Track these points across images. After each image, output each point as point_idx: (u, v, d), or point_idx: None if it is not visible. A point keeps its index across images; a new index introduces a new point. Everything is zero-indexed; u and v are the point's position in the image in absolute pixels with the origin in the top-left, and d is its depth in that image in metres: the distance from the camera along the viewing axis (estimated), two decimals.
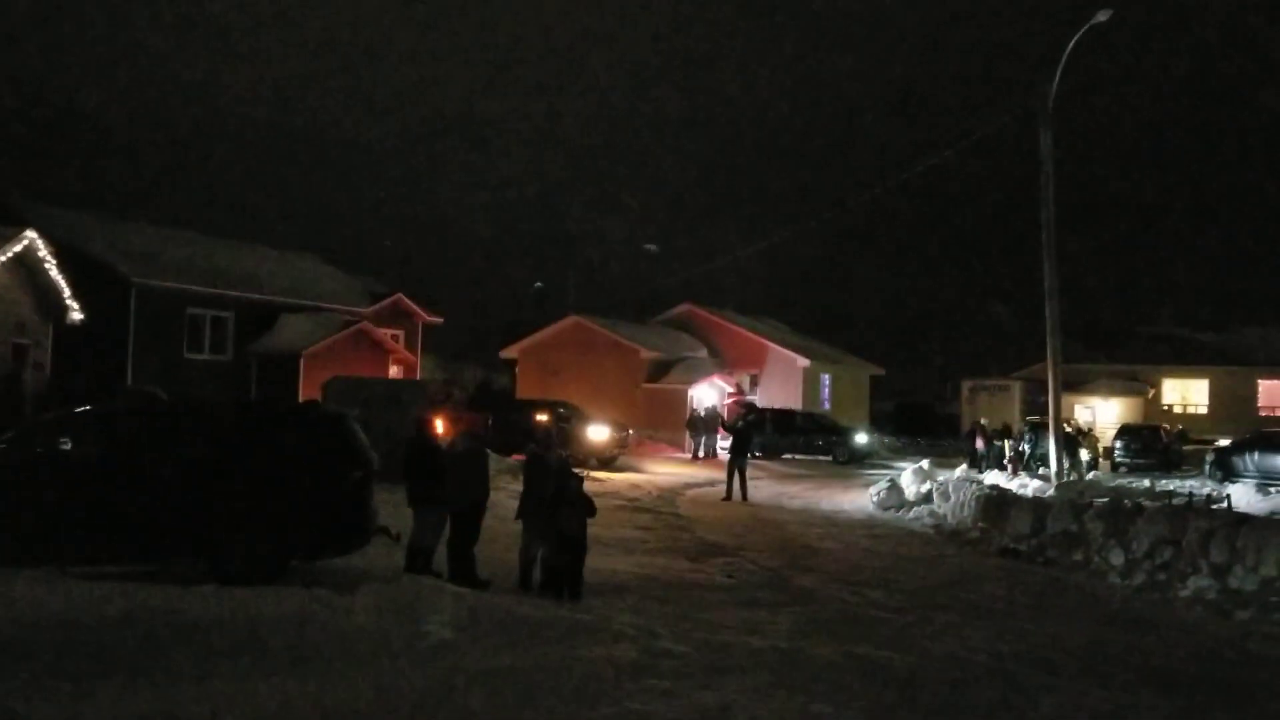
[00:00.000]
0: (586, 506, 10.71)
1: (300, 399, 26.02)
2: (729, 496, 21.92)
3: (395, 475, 11.18)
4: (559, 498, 10.57)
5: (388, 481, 11.44)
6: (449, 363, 45.85)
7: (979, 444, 29.10)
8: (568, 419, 27.06)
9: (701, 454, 32.05)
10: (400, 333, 34.41)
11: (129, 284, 26.29)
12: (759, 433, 32.92)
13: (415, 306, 35.43)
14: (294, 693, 6.07)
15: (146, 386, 22.25)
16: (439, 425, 12.54)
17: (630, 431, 29.96)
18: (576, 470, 11.16)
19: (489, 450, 11.95)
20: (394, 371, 32.02)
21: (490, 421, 23.42)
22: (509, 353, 40.05)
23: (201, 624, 7.17)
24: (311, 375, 27.35)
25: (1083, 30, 22.15)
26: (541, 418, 27.06)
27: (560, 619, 7.96)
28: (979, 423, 31.04)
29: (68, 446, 10.26)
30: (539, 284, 56.36)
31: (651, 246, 55.17)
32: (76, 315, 22.80)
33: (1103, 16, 21.77)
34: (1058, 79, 22.63)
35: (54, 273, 22.14)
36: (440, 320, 37.00)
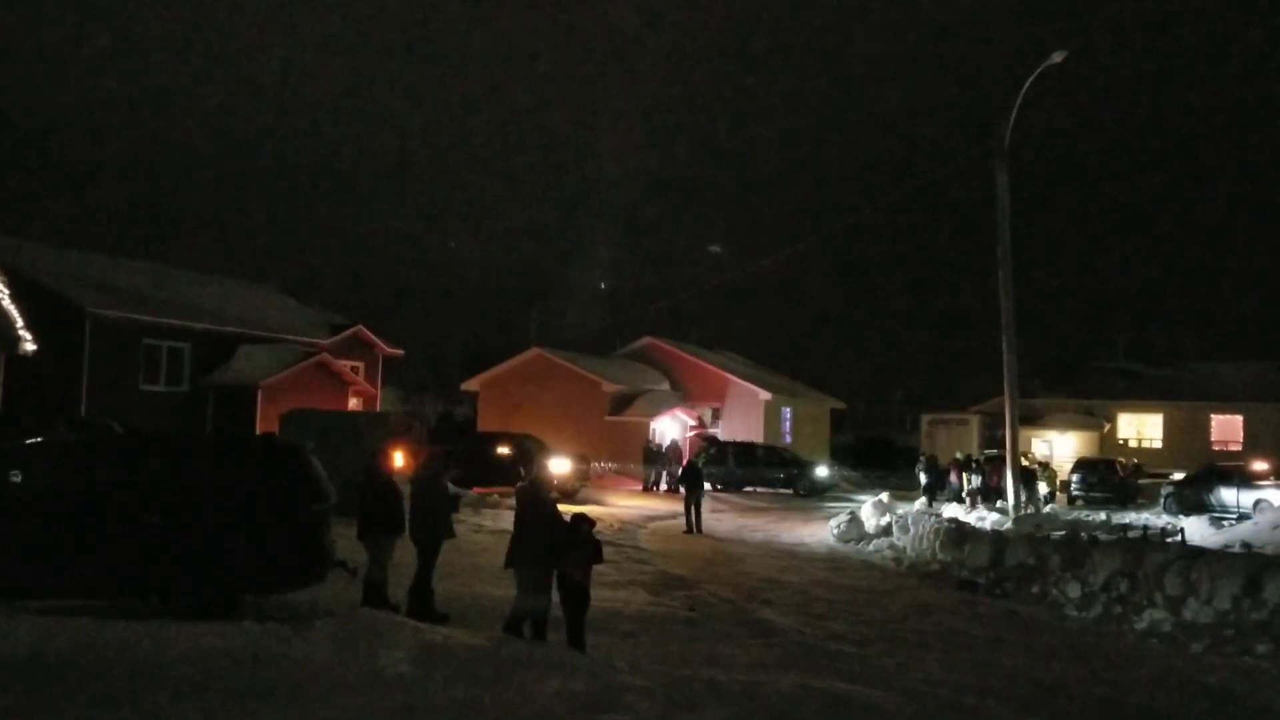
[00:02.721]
0: (595, 551, 9.66)
1: (258, 431, 25.69)
2: (689, 529, 22.01)
3: (354, 509, 11.06)
4: (567, 541, 9.45)
5: (347, 515, 11.31)
6: (410, 395, 45.56)
7: (953, 479, 29.32)
8: (530, 452, 26.94)
9: (664, 486, 31.95)
10: (360, 365, 34.14)
11: (83, 314, 25.90)
12: (720, 465, 33.02)
13: (375, 338, 35.19)
14: None
15: (97, 418, 21.88)
16: (396, 458, 12.42)
17: (592, 464, 29.87)
18: (584, 514, 9.89)
19: (450, 484, 11.78)
20: (354, 403, 31.74)
21: (450, 454, 23.24)
22: (470, 385, 39.87)
23: (153, 660, 7.02)
24: (270, 407, 27.03)
25: (1037, 71, 22.65)
26: (503, 450, 27.00)
27: (519, 653, 7.88)
28: (956, 458, 31.31)
29: (17, 479, 10.04)
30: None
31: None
32: (29, 345, 22.39)
33: (1057, 58, 22.29)
34: (1013, 119, 23.09)
35: (6, 302, 21.74)
36: (400, 353, 36.77)
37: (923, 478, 29.98)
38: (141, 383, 27.45)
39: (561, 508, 10.21)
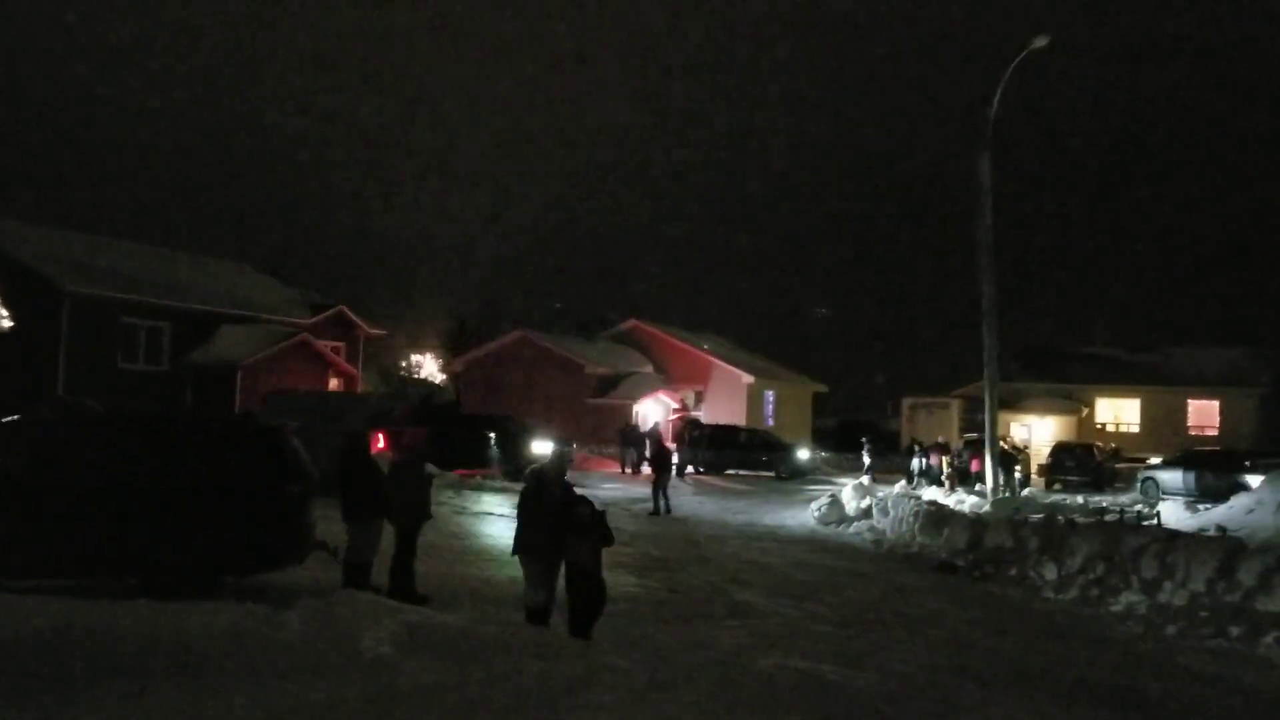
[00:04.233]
0: (602, 535, 9.00)
1: (237, 411, 25.59)
2: (656, 511, 22.07)
3: (335, 490, 11.03)
4: (567, 526, 8.90)
5: (327, 496, 11.28)
6: (392, 376, 45.42)
7: (933, 460, 29.53)
8: (515, 433, 26.95)
9: (644, 469, 32.00)
10: (342, 345, 34.00)
11: (62, 292, 25.71)
12: (703, 448, 33.11)
13: (357, 319, 35.05)
14: (227, 710, 5.95)
15: (77, 398, 21.74)
16: (377, 438, 12.40)
17: (574, 446, 29.88)
18: (582, 494, 9.32)
19: (431, 465, 11.78)
20: (335, 384, 31.64)
21: (431, 436, 23.22)
22: (453, 367, 39.78)
23: (132, 641, 6.99)
24: (250, 387, 26.92)
25: (1020, 56, 22.65)
26: (486, 432, 26.96)
27: (501, 635, 7.90)
28: (938, 442, 31.51)
29: None
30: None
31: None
32: (6, 323, 22.23)
33: (1040, 43, 22.29)
34: (996, 104, 23.11)
35: None
36: (383, 333, 36.66)
37: (916, 463, 30.19)
38: (120, 362, 27.31)
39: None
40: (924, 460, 29.63)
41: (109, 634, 7.03)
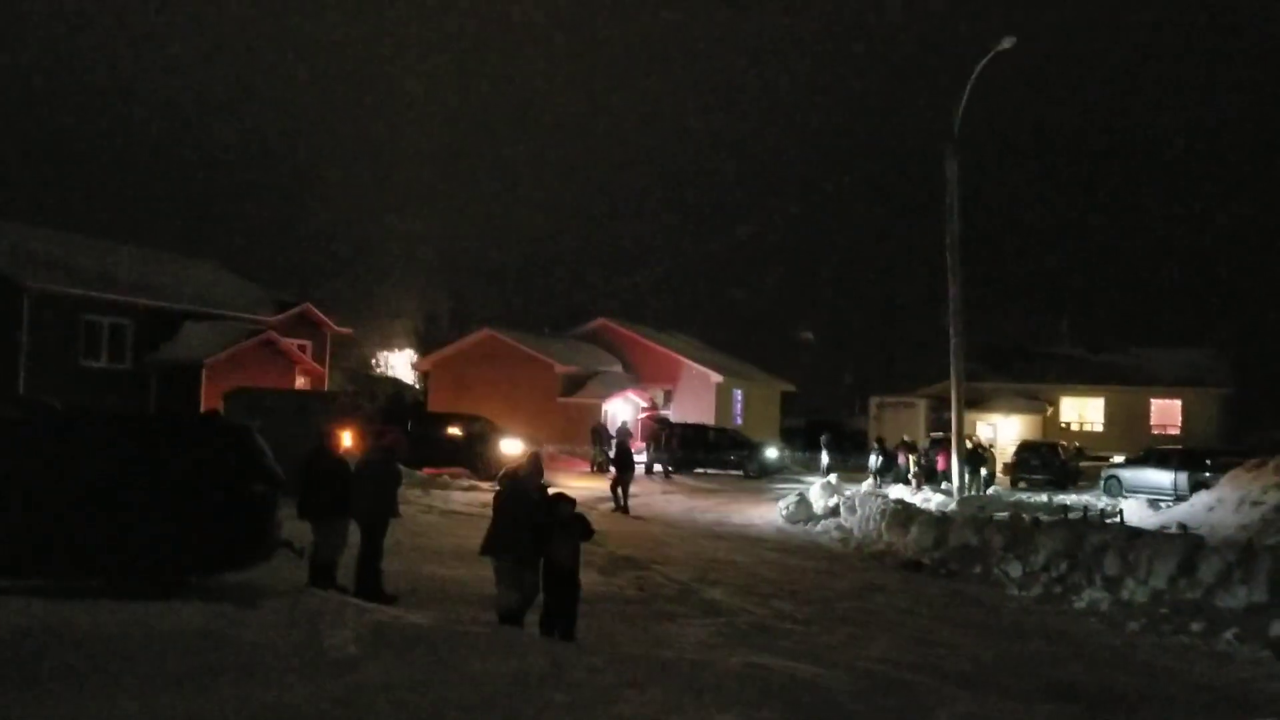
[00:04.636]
0: (581, 530, 9.02)
1: (202, 410, 25.32)
2: (618, 508, 21.94)
3: (297, 488, 10.93)
4: (549, 523, 8.89)
5: (293, 495, 11.18)
6: (358, 374, 45.11)
7: (901, 460, 29.73)
8: (482, 432, 26.86)
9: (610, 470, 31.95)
10: (308, 343, 33.73)
11: (22, 289, 25.33)
12: (672, 447, 33.12)
13: (324, 317, 34.78)
14: (191, 711, 5.89)
15: (38, 396, 21.42)
16: (345, 438, 12.31)
17: (544, 445, 29.81)
18: (562, 492, 9.36)
19: (400, 465, 11.69)
20: (301, 383, 31.37)
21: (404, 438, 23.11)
22: (422, 365, 39.58)
23: (95, 640, 6.90)
24: (214, 385, 26.65)
25: (988, 58, 22.86)
26: (454, 431, 26.85)
27: (469, 634, 7.87)
28: (904, 440, 31.70)
29: None
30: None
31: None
32: None
33: (1007, 44, 22.49)
34: (963, 105, 23.31)
35: None
36: (349, 331, 36.39)
37: (873, 460, 30.35)
38: (82, 360, 26.94)
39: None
40: (880, 457, 29.83)
41: (71, 634, 6.94)
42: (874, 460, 29.79)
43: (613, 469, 23.49)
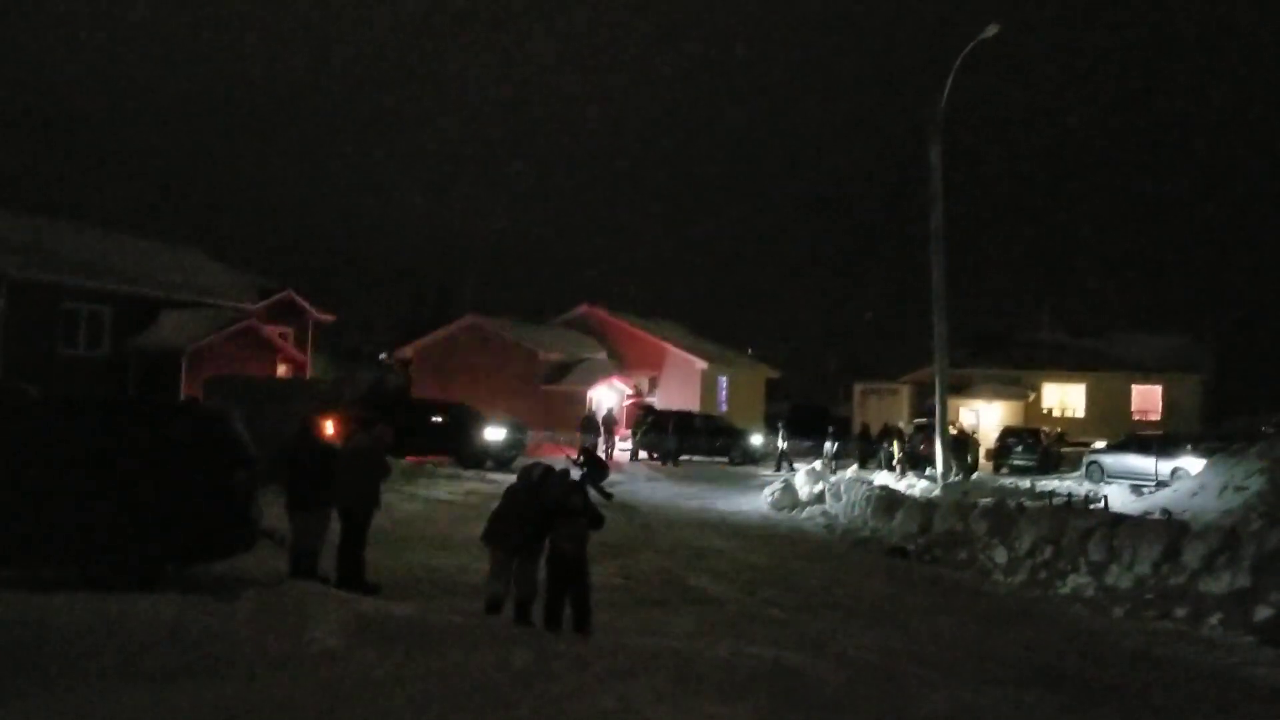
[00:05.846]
0: (591, 519, 8.88)
1: (182, 397, 25.07)
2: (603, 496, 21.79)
3: (281, 478, 10.79)
4: (558, 511, 8.78)
5: (274, 484, 11.06)
6: (341, 362, 44.82)
7: (885, 446, 29.73)
8: (472, 420, 26.71)
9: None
10: (290, 331, 33.45)
11: None
12: (657, 434, 33.05)
13: (306, 304, 34.48)
14: (170, 705, 5.78)
15: (14, 383, 21.16)
16: (327, 425, 12.17)
17: (528, 432, 29.69)
18: (576, 482, 9.20)
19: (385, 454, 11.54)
20: (283, 370, 31.12)
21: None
22: (404, 353, 39.37)
23: (70, 633, 6.78)
24: (195, 373, 26.39)
25: (972, 44, 22.79)
26: (437, 419, 26.65)
27: (453, 625, 7.78)
28: (888, 424, 31.67)
29: None
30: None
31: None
32: None
33: (991, 31, 22.43)
34: (947, 91, 23.24)
35: None
36: (332, 318, 36.09)
37: (828, 446, 30.20)
38: (61, 347, 26.60)
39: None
40: (834, 443, 29.82)
41: (46, 627, 6.82)
42: (829, 446, 29.74)
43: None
